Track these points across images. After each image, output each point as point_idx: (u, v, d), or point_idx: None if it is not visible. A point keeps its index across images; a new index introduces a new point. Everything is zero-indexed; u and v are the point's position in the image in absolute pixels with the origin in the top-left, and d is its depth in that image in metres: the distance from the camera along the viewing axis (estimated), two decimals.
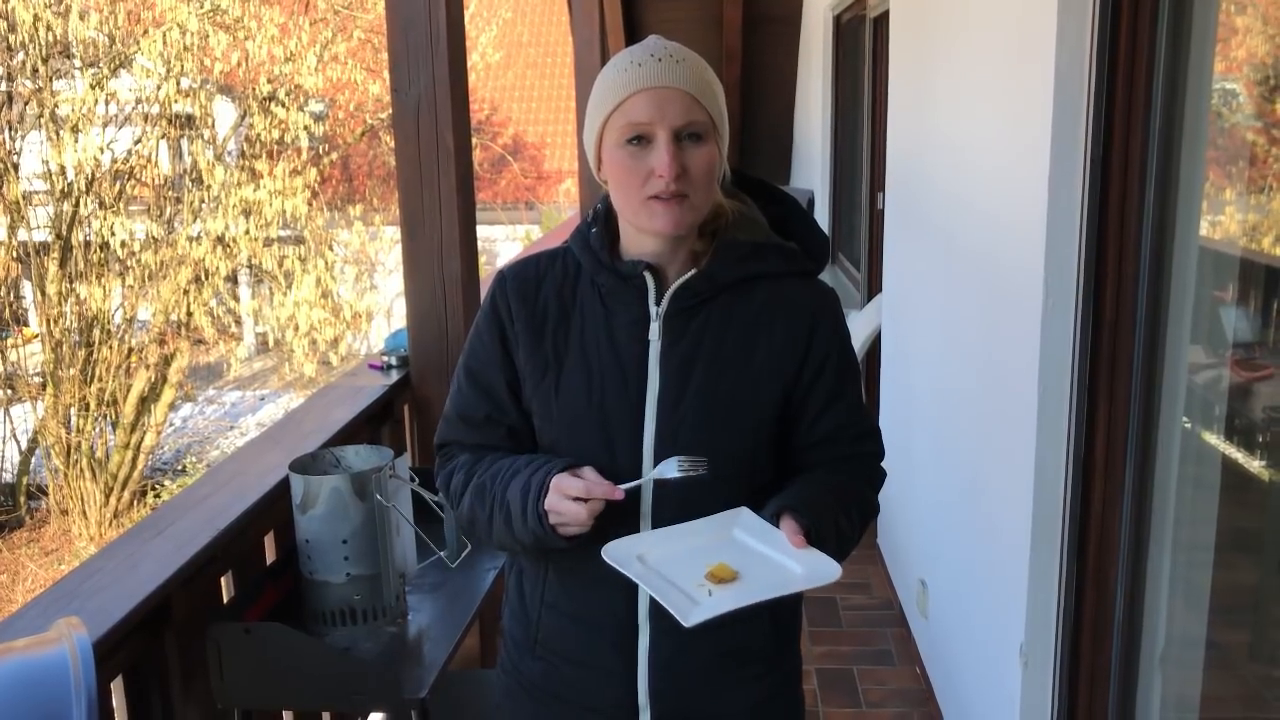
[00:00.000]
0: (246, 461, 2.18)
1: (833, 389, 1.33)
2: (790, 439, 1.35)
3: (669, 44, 1.26)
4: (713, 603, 1.13)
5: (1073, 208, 1.86)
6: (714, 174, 1.27)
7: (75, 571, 1.66)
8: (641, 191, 1.24)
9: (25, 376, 10.95)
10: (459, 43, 2.64)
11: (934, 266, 2.97)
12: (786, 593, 1.15)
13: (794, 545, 1.19)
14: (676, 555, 1.20)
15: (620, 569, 1.18)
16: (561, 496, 1.21)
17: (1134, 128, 1.77)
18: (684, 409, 1.28)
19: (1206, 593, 1.79)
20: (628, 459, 1.28)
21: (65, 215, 10.34)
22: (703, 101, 1.24)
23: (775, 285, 1.33)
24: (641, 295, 1.30)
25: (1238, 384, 1.72)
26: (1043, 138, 1.89)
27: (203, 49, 10.68)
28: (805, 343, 1.32)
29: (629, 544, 1.22)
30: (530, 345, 1.32)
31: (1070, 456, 1.94)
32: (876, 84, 4.62)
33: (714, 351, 1.29)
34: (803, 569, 1.17)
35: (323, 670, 1.71)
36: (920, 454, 3.11)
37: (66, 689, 0.81)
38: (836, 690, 3.04)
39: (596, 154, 1.30)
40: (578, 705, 1.38)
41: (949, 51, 2.75)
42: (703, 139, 1.24)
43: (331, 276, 11.99)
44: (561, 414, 1.30)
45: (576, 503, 1.20)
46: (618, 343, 1.30)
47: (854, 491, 1.34)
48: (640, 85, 1.22)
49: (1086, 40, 1.81)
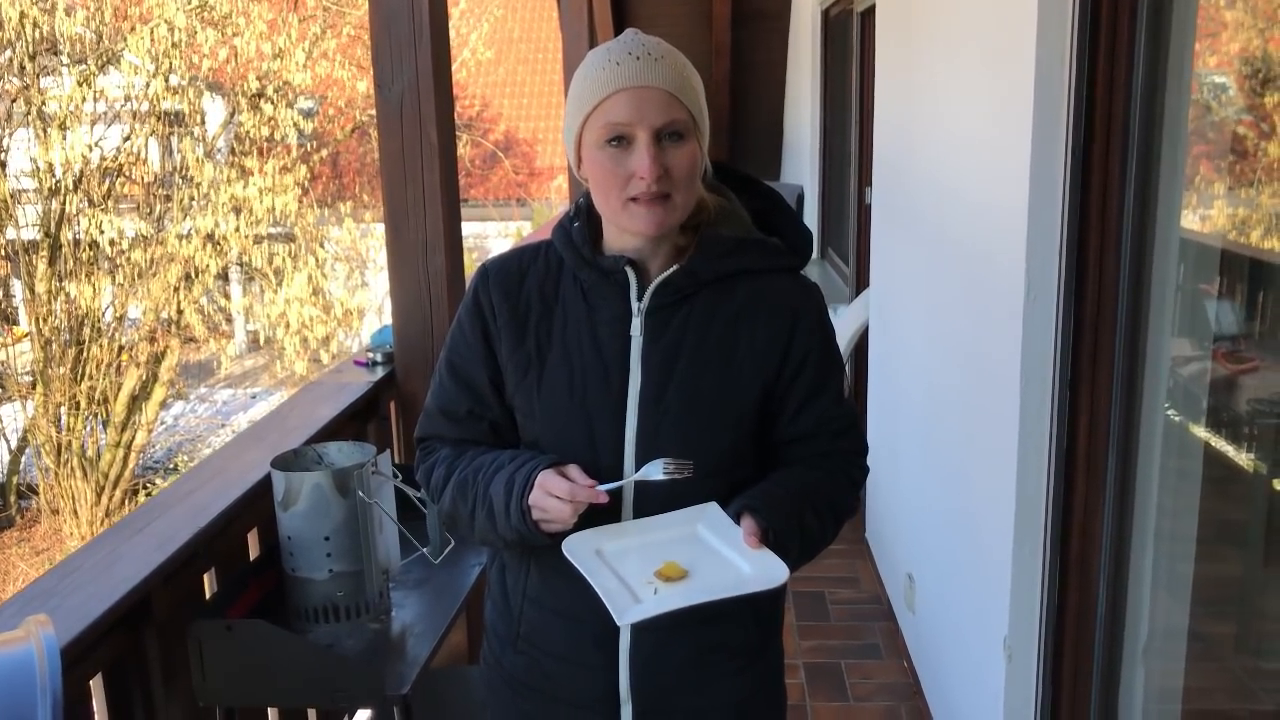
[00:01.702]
0: (229, 458, 2.18)
1: (813, 385, 1.33)
2: (770, 434, 1.35)
3: (647, 40, 1.26)
4: (654, 602, 1.13)
5: (1054, 201, 1.87)
6: (696, 172, 1.26)
7: (54, 569, 1.65)
8: (623, 193, 1.23)
9: (15, 375, 10.91)
10: (443, 37, 2.63)
11: (919, 261, 2.97)
12: (731, 594, 1.15)
13: (748, 545, 1.19)
14: (634, 549, 1.21)
15: (573, 561, 1.18)
16: (546, 494, 1.21)
17: (1114, 121, 1.77)
18: (666, 405, 1.28)
19: (1189, 585, 1.79)
20: (609, 455, 1.28)
21: (54, 213, 10.29)
22: (683, 99, 1.23)
23: (757, 281, 1.33)
24: (623, 291, 1.30)
25: (1219, 376, 1.73)
26: (1024, 131, 1.89)
27: (190, 45, 10.63)
28: (787, 339, 1.31)
29: (590, 537, 1.23)
30: (513, 341, 1.32)
31: (1052, 449, 1.95)
32: (864, 78, 4.63)
33: (696, 347, 1.29)
34: (751, 569, 1.18)
35: (305, 667, 1.71)
36: (907, 448, 3.11)
37: (32, 688, 0.81)
38: (824, 684, 3.05)
39: (576, 152, 1.29)
40: (559, 699, 1.38)
41: (932, 46, 2.75)
42: (684, 137, 1.23)
43: (322, 274, 11.96)
44: (544, 410, 1.30)
45: (561, 501, 1.20)
46: (600, 339, 1.30)
47: (825, 491, 1.34)
48: (619, 85, 1.21)
49: (1067, 34, 1.81)
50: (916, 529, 3.03)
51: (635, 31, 1.28)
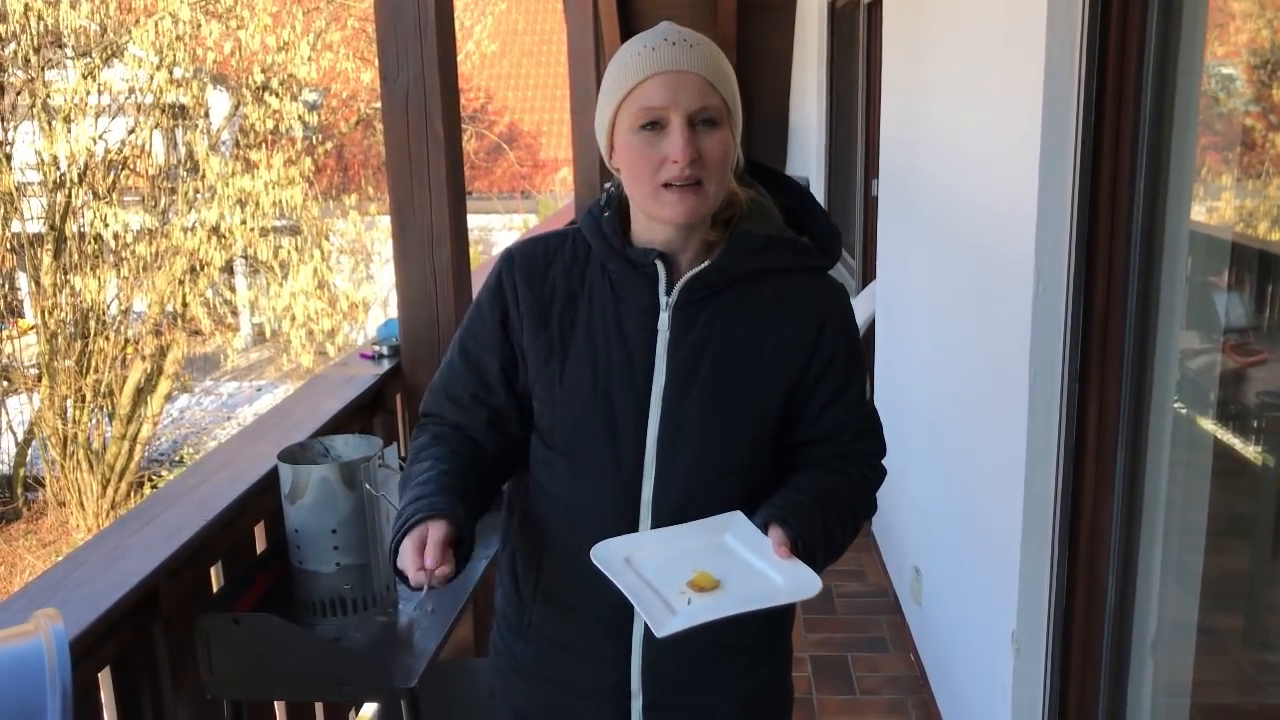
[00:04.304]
0: (235, 451, 2.18)
1: (837, 387, 1.32)
2: (790, 434, 1.34)
3: (682, 29, 1.24)
4: (689, 613, 1.13)
5: (1064, 194, 1.86)
6: (729, 160, 1.24)
7: (62, 563, 1.65)
8: (655, 178, 1.22)
9: (21, 368, 10.94)
10: (448, 29, 2.62)
11: (926, 254, 2.96)
12: (765, 606, 1.15)
13: (778, 556, 1.18)
14: (663, 558, 1.20)
15: (603, 569, 1.17)
16: (416, 547, 1.15)
17: (1124, 113, 1.76)
18: (689, 402, 1.27)
19: (1198, 578, 1.79)
20: (630, 449, 1.27)
21: (59, 206, 10.30)
22: (717, 86, 1.22)
23: (786, 280, 1.31)
24: (652, 284, 1.28)
25: (1229, 369, 1.72)
26: (1033, 124, 1.88)
27: (195, 38, 10.62)
28: (813, 341, 1.30)
29: (619, 545, 1.22)
30: (535, 329, 1.30)
31: (1061, 442, 1.94)
32: (870, 70, 4.61)
33: (722, 345, 1.28)
34: (784, 581, 1.17)
35: (312, 660, 1.71)
36: (914, 441, 3.11)
37: (42, 681, 0.81)
38: (831, 677, 3.04)
39: (609, 141, 1.27)
40: (569, 689, 1.38)
41: (940, 38, 2.73)
42: (717, 124, 1.22)
43: (328, 267, 11.96)
44: (565, 400, 1.29)
45: (417, 560, 1.14)
46: (625, 331, 1.28)
47: (847, 497, 1.33)
48: (653, 69, 1.20)
49: (1077, 26, 1.80)
50: (923, 522, 3.02)
51: (669, 23, 1.26)
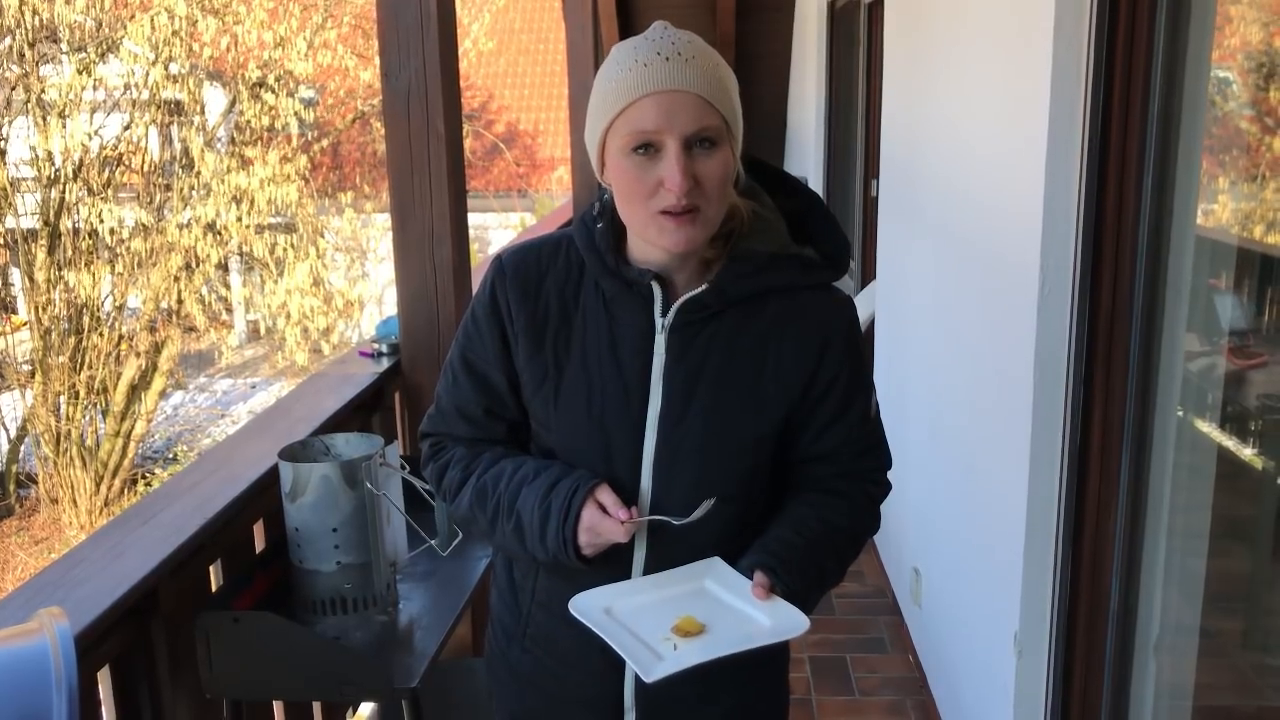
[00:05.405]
0: (235, 449, 2.16)
1: (838, 407, 1.28)
2: (790, 452, 1.31)
3: (678, 37, 1.16)
4: (676, 658, 1.12)
5: (1069, 196, 1.85)
6: (728, 182, 1.18)
7: (60, 560, 1.64)
8: (649, 205, 1.15)
9: (14, 364, 10.90)
10: (450, 27, 2.61)
11: (928, 254, 2.95)
12: (752, 646, 1.14)
13: (756, 597, 1.17)
14: (644, 607, 1.19)
15: (585, 622, 1.17)
16: (602, 515, 1.19)
17: (1131, 116, 1.75)
18: (686, 426, 1.23)
19: (1201, 581, 1.78)
20: (626, 473, 1.24)
21: (53, 202, 10.27)
22: (715, 104, 1.14)
23: (789, 298, 1.26)
24: (647, 304, 1.23)
25: (1233, 372, 1.71)
26: (1040, 126, 1.88)
27: (191, 34, 10.59)
28: (815, 362, 1.26)
29: (597, 596, 1.21)
30: (530, 348, 1.27)
31: (1066, 444, 1.93)
32: (871, 71, 4.60)
33: (720, 368, 1.24)
34: (770, 622, 1.17)
35: (312, 660, 1.70)
36: (914, 442, 3.10)
37: (47, 680, 0.80)
38: (829, 679, 3.04)
39: (599, 158, 1.21)
40: (565, 699, 1.36)
41: (944, 38, 2.72)
42: (716, 144, 1.15)
43: (323, 264, 11.94)
44: (560, 424, 1.26)
45: (614, 523, 1.18)
46: (621, 354, 1.24)
47: (847, 526, 1.31)
48: (647, 89, 1.12)
49: (1084, 27, 1.79)
50: (925, 523, 3.02)
51: (664, 26, 1.18)
